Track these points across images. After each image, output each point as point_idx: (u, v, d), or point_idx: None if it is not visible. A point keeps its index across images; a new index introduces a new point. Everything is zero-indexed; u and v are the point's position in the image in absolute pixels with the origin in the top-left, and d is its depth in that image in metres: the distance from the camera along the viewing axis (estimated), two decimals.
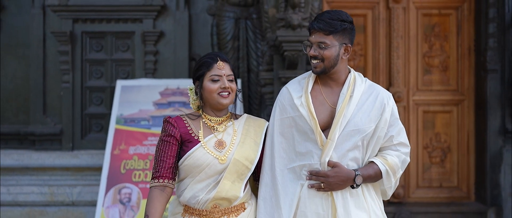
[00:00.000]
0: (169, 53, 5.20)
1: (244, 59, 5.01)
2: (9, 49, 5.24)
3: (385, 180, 2.42)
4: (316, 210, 2.37)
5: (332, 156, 2.35)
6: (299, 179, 2.39)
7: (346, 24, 2.38)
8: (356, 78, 2.44)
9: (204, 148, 2.33)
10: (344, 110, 2.37)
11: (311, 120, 2.37)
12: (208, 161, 2.32)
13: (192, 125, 2.39)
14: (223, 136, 2.37)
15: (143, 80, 4.98)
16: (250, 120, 2.47)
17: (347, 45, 2.40)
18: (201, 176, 2.32)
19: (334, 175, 2.33)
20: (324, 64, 2.37)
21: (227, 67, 2.39)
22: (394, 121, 2.44)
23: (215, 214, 2.33)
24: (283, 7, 4.14)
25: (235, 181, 2.34)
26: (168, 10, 5.22)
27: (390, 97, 2.44)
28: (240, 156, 2.35)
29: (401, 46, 5.29)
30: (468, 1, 5.29)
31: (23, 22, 5.22)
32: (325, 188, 2.35)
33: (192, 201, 2.31)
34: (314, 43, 2.37)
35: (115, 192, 4.38)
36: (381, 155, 2.44)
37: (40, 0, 5.16)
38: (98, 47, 5.23)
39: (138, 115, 4.75)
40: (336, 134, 2.35)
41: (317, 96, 2.43)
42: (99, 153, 4.98)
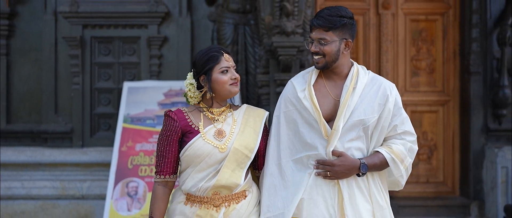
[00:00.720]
0: (173, 56, 5.39)
1: (242, 62, 5.20)
2: (23, 53, 5.43)
3: (392, 168, 2.39)
4: (324, 197, 2.37)
5: (336, 146, 2.35)
6: (307, 168, 2.39)
7: (345, 19, 2.37)
8: (359, 71, 2.44)
9: (204, 138, 2.35)
10: (348, 101, 2.37)
11: (314, 111, 2.38)
12: (208, 151, 2.34)
13: (192, 116, 2.41)
14: (223, 126, 2.39)
15: (148, 82, 5.20)
16: (249, 110, 2.47)
17: (348, 40, 2.39)
18: (201, 165, 2.34)
19: (340, 164, 2.33)
20: (326, 59, 2.37)
21: (231, 59, 2.43)
22: (397, 110, 2.42)
23: (216, 201, 2.35)
24: (278, 15, 4.41)
25: (235, 169, 2.36)
26: (171, 16, 5.40)
27: (393, 88, 2.43)
28: (239, 144, 2.36)
29: (390, 50, 5.57)
30: (453, 7, 5.56)
31: (36, 28, 5.40)
32: (331, 177, 2.35)
33: (193, 189, 2.34)
34: (315, 40, 2.38)
35: (123, 185, 4.69)
36: (386, 144, 2.43)
37: (52, 7, 5.34)
38: (106, 51, 5.42)
39: (144, 114, 5.03)
40: (340, 125, 2.35)
41: (320, 90, 2.43)
42: (107, 150, 5.16)
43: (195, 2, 5.47)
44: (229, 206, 2.37)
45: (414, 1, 5.58)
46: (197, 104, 2.43)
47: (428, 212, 5.38)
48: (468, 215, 5.32)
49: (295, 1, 4.36)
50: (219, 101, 2.42)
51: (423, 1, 5.58)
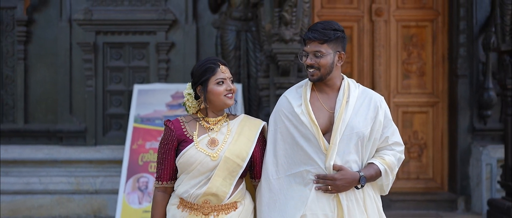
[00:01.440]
0: (179, 61, 5.71)
1: (244, 67, 5.54)
2: (39, 58, 5.76)
3: (384, 178, 2.44)
4: (324, 211, 2.38)
5: (335, 159, 2.36)
6: (306, 183, 2.39)
7: (338, 33, 2.41)
8: (350, 84, 2.48)
9: (196, 147, 2.37)
10: (343, 115, 2.39)
11: (312, 126, 2.39)
12: (200, 159, 2.35)
13: (188, 126, 2.43)
14: (217, 135, 2.41)
15: (156, 85, 5.53)
16: (246, 119, 2.49)
17: (341, 52, 2.43)
18: (194, 173, 2.36)
19: (341, 178, 2.34)
20: (321, 72, 2.39)
21: (228, 71, 2.45)
22: (387, 122, 2.47)
23: (206, 209, 2.37)
24: (277, 23, 4.77)
25: (226, 178, 2.36)
26: (178, 23, 5.72)
27: (383, 100, 2.49)
28: (231, 153, 2.36)
29: (383, 54, 5.92)
30: (442, 14, 5.91)
31: (51, 34, 5.73)
32: (332, 191, 2.36)
33: (185, 195, 2.37)
34: (310, 53, 2.39)
35: (134, 180, 5.06)
36: (378, 155, 2.46)
37: (67, 15, 5.68)
38: (117, 56, 5.76)
39: (153, 115, 5.39)
40: (338, 138, 2.37)
41: (314, 103, 2.45)
42: (118, 148, 5.50)
43: (200, 10, 5.80)
44: (217, 216, 2.37)
45: (405, 9, 5.93)
46: (194, 113, 2.47)
47: (418, 206, 5.72)
48: (455, 209, 5.65)
49: (293, 11, 4.72)
50: (215, 111, 2.44)
51: (414, 8, 5.93)
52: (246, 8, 5.58)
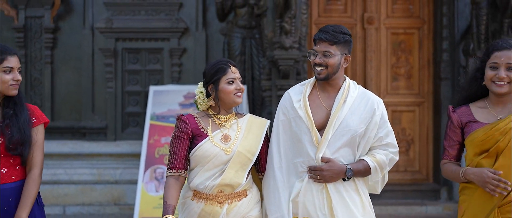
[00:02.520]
0: (190, 65, 6.30)
1: (249, 70, 6.13)
2: (64, 62, 6.36)
3: (373, 174, 2.55)
4: (313, 201, 2.51)
5: (325, 152, 2.50)
6: (299, 173, 2.54)
7: (347, 36, 2.56)
8: (350, 85, 2.59)
9: (212, 141, 2.52)
10: (338, 113, 2.52)
11: (307, 120, 2.53)
12: (215, 152, 2.50)
13: (202, 121, 2.57)
14: (229, 131, 2.56)
15: (170, 86, 6.13)
16: (252, 118, 2.65)
17: (347, 55, 2.57)
18: (209, 165, 2.51)
19: (328, 169, 2.49)
20: (328, 71, 2.51)
21: (237, 71, 2.59)
22: (383, 123, 2.57)
23: (220, 198, 2.52)
24: (278, 32, 5.39)
25: (239, 170, 2.52)
26: (189, 31, 6.31)
27: (380, 103, 2.59)
28: (243, 148, 2.53)
29: (374, 59, 6.51)
30: (427, 23, 6.49)
31: (75, 41, 6.33)
32: (320, 180, 2.50)
33: (200, 186, 2.50)
34: (319, 52, 2.51)
35: (151, 171, 5.70)
36: (370, 153, 2.57)
37: (89, 23, 6.28)
38: (135, 60, 6.35)
39: (167, 113, 5.99)
40: (330, 134, 2.51)
41: (314, 100, 2.58)
42: (136, 143, 6.07)
43: (209, 19, 6.40)
44: (231, 203, 2.53)
45: (394, 17, 6.53)
46: (205, 110, 2.60)
47: (405, 196, 6.33)
48: (439, 198, 6.24)
49: (292, 22, 5.35)
50: (226, 109, 2.58)
51: (402, 17, 6.53)
52: (250, 17, 6.16)
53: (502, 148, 2.46)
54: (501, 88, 2.47)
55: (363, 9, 6.47)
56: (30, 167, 2.57)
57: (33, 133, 2.55)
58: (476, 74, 2.57)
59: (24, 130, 2.50)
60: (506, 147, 2.46)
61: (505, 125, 2.46)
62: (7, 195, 2.51)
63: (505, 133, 2.45)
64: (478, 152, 2.52)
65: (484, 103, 2.56)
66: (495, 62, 2.47)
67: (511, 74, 2.46)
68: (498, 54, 2.47)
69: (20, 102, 2.56)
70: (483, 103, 2.56)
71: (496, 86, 2.48)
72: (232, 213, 2.53)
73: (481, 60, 2.56)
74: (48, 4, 6.29)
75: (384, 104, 2.67)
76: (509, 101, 2.51)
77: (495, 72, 2.48)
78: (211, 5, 6.36)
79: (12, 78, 2.50)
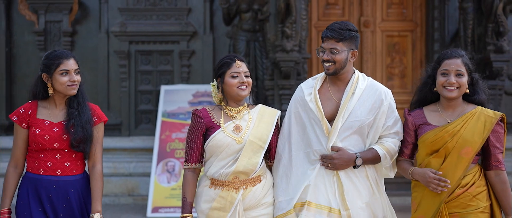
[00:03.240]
0: (199, 66, 6.75)
1: (253, 70, 6.52)
2: (81, 63, 6.08)
3: (383, 161, 2.65)
4: (325, 186, 2.62)
5: (335, 141, 2.61)
6: (311, 161, 2.65)
7: (353, 32, 2.64)
8: (359, 78, 2.68)
9: (224, 132, 2.64)
10: (347, 104, 2.62)
11: (318, 112, 2.64)
12: (227, 142, 2.63)
13: (215, 114, 2.69)
14: (240, 122, 2.68)
15: (180, 85, 6.58)
16: (263, 108, 2.75)
17: (354, 50, 2.65)
18: (222, 155, 2.64)
19: (338, 157, 2.59)
20: (336, 66, 2.61)
21: (244, 66, 2.65)
22: (390, 113, 2.67)
23: (235, 184, 2.64)
24: (280, 36, 5.83)
25: (252, 157, 2.63)
26: (198, 34, 6.76)
27: (388, 93, 2.69)
28: (254, 137, 2.64)
29: (370, 59, 6.93)
30: (420, 26, 6.91)
31: (92, 44, 6.78)
32: (331, 168, 2.61)
33: (216, 174, 2.65)
34: (326, 49, 2.61)
35: (163, 164, 6.17)
36: (380, 141, 2.67)
37: (105, 27, 6.74)
38: (147, 62, 6.81)
39: (177, 111, 6.45)
40: (339, 124, 2.61)
41: (325, 93, 2.68)
42: (148, 138, 6.50)
43: (216, 23, 6.85)
44: (246, 189, 2.65)
45: (389, 21, 6.95)
46: (219, 103, 2.75)
47: (399, 187, 6.71)
48: None
49: (293, 27, 5.79)
50: (234, 101, 2.69)
51: (396, 21, 6.95)
52: (254, 21, 6.59)
53: (450, 148, 2.63)
54: (451, 93, 2.64)
55: (359, 13, 6.90)
56: (93, 162, 2.75)
57: (95, 131, 2.73)
58: (428, 80, 2.75)
59: (87, 129, 2.68)
60: (453, 148, 2.63)
61: (453, 128, 2.63)
62: (69, 186, 2.71)
63: (453, 135, 2.63)
64: (429, 152, 2.67)
65: (436, 107, 2.73)
66: (446, 69, 2.64)
67: (460, 80, 2.64)
68: (448, 62, 2.65)
69: (84, 102, 2.75)
70: (435, 107, 2.73)
71: (446, 91, 2.64)
72: (248, 198, 2.65)
73: (432, 67, 2.75)
74: (66, 10, 6.76)
75: None
76: (458, 106, 2.69)
77: (446, 78, 2.64)
78: (218, 10, 6.81)
79: (69, 80, 2.69)
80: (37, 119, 2.71)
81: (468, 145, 2.63)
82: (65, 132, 2.68)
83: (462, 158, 2.63)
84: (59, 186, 2.69)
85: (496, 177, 2.67)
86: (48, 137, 2.68)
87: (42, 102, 2.74)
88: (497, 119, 2.66)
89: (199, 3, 6.82)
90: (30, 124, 2.70)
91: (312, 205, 2.61)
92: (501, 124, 2.70)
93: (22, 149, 2.72)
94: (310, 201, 2.61)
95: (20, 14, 6.79)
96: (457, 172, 2.62)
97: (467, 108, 2.69)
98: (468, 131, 2.63)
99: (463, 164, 2.64)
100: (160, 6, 6.79)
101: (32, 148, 2.72)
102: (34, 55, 6.87)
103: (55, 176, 2.69)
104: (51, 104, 2.74)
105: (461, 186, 2.65)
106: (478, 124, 2.64)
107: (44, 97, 2.74)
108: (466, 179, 2.65)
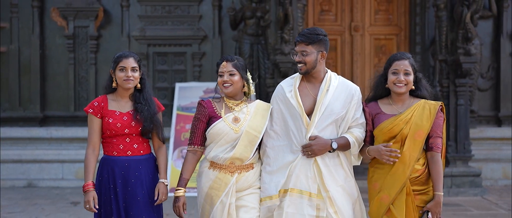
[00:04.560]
0: (209, 66, 7.61)
1: (256, 70, 7.35)
2: (106, 63, 7.64)
3: (352, 148, 2.95)
4: (305, 174, 2.89)
5: (313, 132, 2.89)
6: (293, 151, 2.91)
7: (321, 36, 2.90)
8: (332, 76, 2.96)
9: (224, 121, 2.91)
10: (323, 99, 2.89)
11: (298, 107, 2.89)
12: (226, 131, 2.90)
13: (217, 105, 2.98)
14: (239, 114, 2.95)
15: (192, 83, 7.44)
16: (260, 103, 3.05)
17: (323, 52, 2.89)
18: (221, 142, 2.91)
19: (315, 143, 2.88)
20: (307, 67, 2.89)
21: (229, 65, 2.89)
22: (359, 107, 2.97)
23: (231, 168, 2.92)
24: (279, 41, 6.73)
25: (247, 146, 2.91)
26: (208, 38, 7.65)
27: (357, 90, 2.98)
28: (249, 127, 2.92)
29: (359, 60, 7.79)
30: (404, 30, 7.78)
31: (115, 46, 7.60)
32: (311, 155, 2.87)
33: (215, 158, 2.92)
34: (298, 52, 2.89)
35: (178, 151, 7.10)
36: (349, 131, 2.98)
37: (126, 32, 7.63)
38: (163, 62, 7.70)
39: (190, 105, 7.30)
40: (317, 117, 2.89)
41: (303, 90, 2.94)
42: (165, 129, 6.61)
43: (224, 28, 7.73)
44: (240, 173, 2.94)
45: (376, 26, 7.84)
46: (223, 97, 3.05)
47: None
48: None
49: (290, 33, 6.70)
50: (232, 96, 2.98)
51: (383, 25, 7.83)
52: (257, 27, 7.46)
53: (406, 134, 2.96)
54: (400, 89, 3.00)
55: (350, 18, 7.79)
56: (159, 144, 3.15)
57: (158, 118, 3.12)
58: (381, 79, 3.11)
59: (154, 119, 3.09)
60: (408, 133, 2.96)
61: (406, 116, 2.98)
62: (137, 165, 3.05)
63: (406, 122, 2.97)
64: (386, 139, 2.98)
65: (388, 101, 3.09)
66: (396, 69, 3.00)
67: (407, 78, 3.00)
68: (398, 63, 3.01)
69: (149, 97, 3.12)
70: (387, 100, 3.09)
71: (396, 87, 3.00)
72: (241, 182, 2.95)
73: (384, 67, 3.11)
74: (92, 16, 7.68)
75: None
76: (406, 99, 3.07)
77: (396, 76, 2.99)
78: (225, 16, 7.70)
79: (125, 75, 3.04)
80: (109, 110, 3.07)
81: (420, 129, 2.96)
82: (133, 120, 3.06)
83: (416, 141, 2.97)
84: (130, 164, 3.05)
85: (432, 158, 2.99)
86: (119, 125, 3.05)
87: (110, 96, 3.12)
88: (439, 106, 3.04)
89: (209, 11, 7.71)
90: (103, 114, 3.07)
91: (295, 191, 2.91)
92: (441, 112, 3.05)
93: (97, 135, 3.09)
94: (293, 188, 2.91)
95: (52, 21, 7.70)
96: (414, 153, 2.96)
97: (414, 101, 3.07)
98: (418, 118, 2.98)
99: (417, 146, 2.97)
100: (174, 13, 7.69)
101: (106, 134, 3.09)
102: (64, 56, 7.79)
103: (127, 156, 3.05)
104: (117, 97, 3.11)
105: (419, 168, 2.97)
106: (425, 112, 3.00)
107: (111, 90, 3.12)
108: (420, 161, 2.99)
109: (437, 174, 2.97)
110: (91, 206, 3.00)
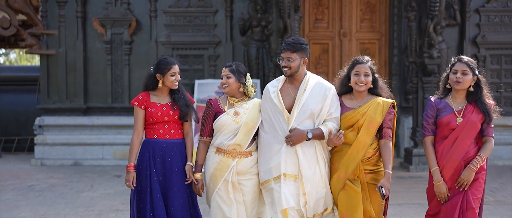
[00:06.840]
0: (222, 66, 8.35)
1: (261, 70, 8.86)
2: (137, 64, 9.22)
3: (326, 138, 3.31)
4: (292, 160, 3.29)
5: (293, 125, 3.28)
6: (280, 141, 3.31)
7: (303, 45, 3.29)
8: (310, 78, 3.31)
9: (227, 115, 3.39)
10: (301, 97, 3.29)
11: (279, 104, 3.30)
12: (229, 122, 3.39)
13: (222, 102, 3.47)
14: (239, 109, 3.42)
15: (209, 80, 8.90)
16: (257, 101, 3.50)
17: (305, 58, 3.29)
18: (225, 131, 3.40)
19: (293, 134, 3.28)
20: (291, 70, 3.29)
21: (227, 70, 3.41)
22: (333, 103, 3.33)
23: (233, 154, 3.38)
24: (280, 47, 8.27)
25: (246, 134, 3.37)
26: (221, 43, 9.17)
27: (332, 89, 3.35)
28: (248, 119, 3.38)
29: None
30: (384, 36, 9.31)
31: (145, 50, 9.18)
32: (292, 144, 3.27)
33: (220, 145, 3.40)
34: (284, 58, 3.28)
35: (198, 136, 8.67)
36: (324, 124, 3.34)
37: (154, 37, 9.14)
38: (184, 63, 9.21)
39: (207, 98, 8.54)
40: (295, 112, 3.28)
41: (285, 90, 3.33)
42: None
43: (234, 34, 9.26)
44: (240, 159, 3.39)
45: (362, 32, 9.37)
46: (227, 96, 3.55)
47: None
48: None
49: None
50: (231, 95, 3.45)
51: (367, 32, 9.37)
52: (262, 34, 8.99)
53: (361, 124, 3.36)
54: (360, 87, 3.42)
55: (340, 26, 9.34)
56: (187, 131, 3.62)
57: (191, 104, 3.58)
58: (345, 80, 3.50)
59: (189, 104, 3.58)
60: (363, 124, 3.36)
61: (362, 110, 3.39)
62: (173, 147, 3.52)
63: (362, 115, 3.38)
64: (346, 127, 3.41)
65: (350, 96, 3.51)
66: (358, 71, 3.42)
67: (367, 79, 3.43)
68: (359, 66, 3.44)
69: (183, 91, 3.64)
70: (350, 96, 3.51)
71: (358, 86, 3.42)
72: (240, 165, 3.40)
73: (348, 69, 3.50)
74: (126, 25, 9.27)
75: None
76: (365, 96, 3.46)
77: (358, 77, 3.41)
78: (235, 25, 9.25)
79: (175, 79, 3.58)
80: (151, 102, 3.57)
81: (373, 121, 3.38)
82: (171, 109, 3.58)
83: (369, 130, 3.39)
84: (167, 146, 3.55)
85: (385, 144, 3.42)
86: (160, 113, 3.55)
87: (151, 92, 3.63)
88: (390, 104, 3.47)
89: (222, 20, 9.25)
90: (146, 106, 3.58)
91: (287, 175, 3.32)
92: (392, 108, 3.47)
93: (142, 123, 3.57)
94: (284, 172, 3.32)
95: (93, 28, 9.27)
96: (367, 140, 3.37)
97: (371, 98, 3.49)
98: (372, 112, 3.39)
99: (369, 134, 3.39)
100: (194, 22, 9.26)
101: (148, 122, 3.57)
102: (103, 58, 9.35)
103: (165, 139, 3.55)
104: (158, 93, 3.63)
105: (371, 151, 3.39)
106: (379, 107, 3.41)
107: (153, 88, 3.62)
108: (373, 146, 3.42)
109: (388, 155, 3.38)
110: (130, 184, 3.53)
